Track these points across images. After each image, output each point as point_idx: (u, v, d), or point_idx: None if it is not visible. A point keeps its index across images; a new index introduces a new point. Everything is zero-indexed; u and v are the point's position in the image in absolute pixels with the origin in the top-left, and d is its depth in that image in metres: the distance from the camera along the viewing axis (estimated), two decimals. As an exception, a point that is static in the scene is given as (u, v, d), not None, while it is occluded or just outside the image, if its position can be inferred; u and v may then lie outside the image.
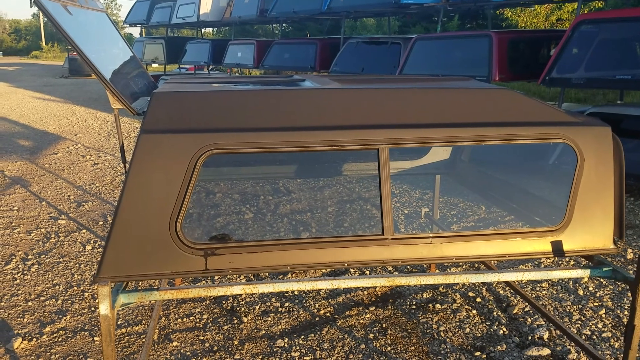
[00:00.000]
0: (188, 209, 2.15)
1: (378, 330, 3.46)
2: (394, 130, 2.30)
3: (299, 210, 5.88)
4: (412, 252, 2.27)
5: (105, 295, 1.94)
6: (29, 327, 3.50)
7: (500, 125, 2.36)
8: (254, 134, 2.21)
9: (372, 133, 2.28)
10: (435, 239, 2.29)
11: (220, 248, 2.17)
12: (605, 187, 2.34)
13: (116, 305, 2.03)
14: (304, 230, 5.25)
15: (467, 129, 2.33)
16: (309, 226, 5.39)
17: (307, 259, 2.22)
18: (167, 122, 2.21)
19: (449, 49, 8.35)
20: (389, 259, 2.26)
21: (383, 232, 2.26)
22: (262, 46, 12.76)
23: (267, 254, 2.20)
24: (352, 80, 2.85)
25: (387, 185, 2.26)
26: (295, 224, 5.43)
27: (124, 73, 2.94)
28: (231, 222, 5.44)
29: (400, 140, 2.29)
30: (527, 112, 2.44)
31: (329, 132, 2.25)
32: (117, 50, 3.07)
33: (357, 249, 2.25)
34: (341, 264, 2.24)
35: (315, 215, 5.75)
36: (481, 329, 3.49)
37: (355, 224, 5.43)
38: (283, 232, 5.20)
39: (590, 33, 6.51)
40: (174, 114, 2.24)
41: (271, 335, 3.40)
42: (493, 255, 2.33)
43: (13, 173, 7.69)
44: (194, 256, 2.14)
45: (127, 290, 2.12)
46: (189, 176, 2.15)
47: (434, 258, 2.29)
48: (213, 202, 6.06)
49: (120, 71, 2.89)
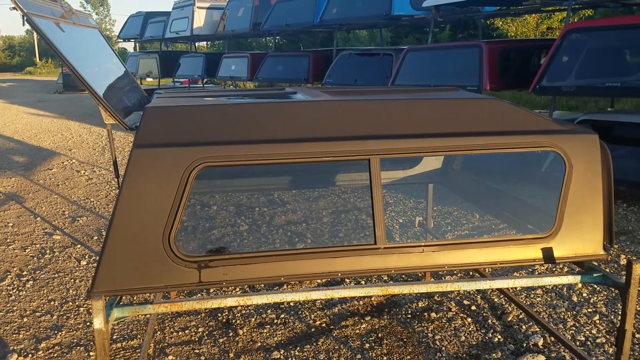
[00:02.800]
0: (181, 222, 2.16)
1: (374, 340, 3.47)
2: (384, 140, 2.33)
3: (292, 221, 5.85)
4: (405, 261, 2.29)
5: (99, 310, 1.95)
6: (25, 343, 3.49)
7: (488, 135, 2.40)
8: (246, 146, 2.24)
9: (363, 144, 2.31)
10: (427, 247, 2.31)
11: (214, 260, 2.19)
12: (594, 194, 2.37)
13: (110, 320, 2.04)
14: (298, 241, 5.23)
15: (456, 138, 2.36)
16: (303, 237, 5.36)
17: (300, 269, 2.24)
18: (159, 136, 2.23)
19: (440, 59, 8.43)
20: (382, 268, 2.28)
21: (375, 241, 2.28)
22: (255, 59, 12.84)
23: (261, 266, 2.21)
24: (342, 92, 2.88)
25: (379, 195, 2.28)
26: (289, 235, 5.39)
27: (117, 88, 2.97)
28: (225, 234, 5.42)
29: (390, 151, 2.32)
30: (515, 121, 2.47)
31: (321, 144, 2.28)
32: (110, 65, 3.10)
33: (351, 259, 2.27)
34: (335, 274, 2.25)
35: (309, 226, 5.71)
36: (476, 336, 3.50)
37: (348, 234, 5.43)
38: (277, 243, 5.17)
39: (580, 41, 6.59)
40: (166, 128, 2.26)
41: (267, 347, 3.41)
42: (485, 263, 2.35)
43: (7, 189, 7.68)
44: (187, 269, 2.16)
45: (121, 305, 2.13)
46: (182, 189, 2.17)
47: (426, 267, 2.31)
48: (207, 215, 6.04)
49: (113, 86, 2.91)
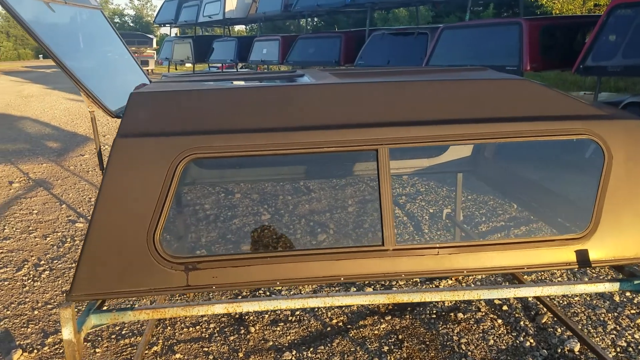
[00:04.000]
0: (168, 219, 1.97)
1: (393, 342, 3.23)
2: (394, 128, 2.07)
3: (290, 218, 5.40)
4: (417, 265, 2.04)
5: (68, 319, 1.78)
6: (32, 337, 3.40)
7: (515, 121, 2.10)
8: (239, 135, 2.01)
9: (370, 132, 2.06)
10: (443, 249, 2.05)
11: (203, 262, 1.98)
12: (637, 188, 2.05)
13: (85, 328, 1.87)
14: (296, 242, 4.83)
15: (478, 125, 2.08)
16: (302, 236, 4.96)
17: (298, 272, 2.01)
18: (145, 125, 2.03)
19: (477, 38, 7.99)
20: (390, 273, 2.03)
21: (383, 242, 2.03)
22: (287, 42, 12.58)
23: (254, 268, 2.00)
24: (352, 74, 2.62)
25: (388, 190, 2.03)
26: (286, 234, 5.00)
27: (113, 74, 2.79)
28: (216, 234, 4.96)
29: (401, 140, 2.06)
30: (546, 104, 2.17)
31: (323, 132, 2.04)
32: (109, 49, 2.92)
33: (354, 262, 2.03)
34: (336, 278, 2.02)
35: (308, 224, 5.25)
36: (506, 340, 3.22)
37: (353, 234, 4.96)
38: (273, 243, 4.75)
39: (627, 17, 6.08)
40: (152, 116, 2.06)
41: (278, 347, 3.21)
42: (510, 267, 2.07)
43: (38, 175, 7.72)
44: (174, 271, 1.96)
45: (99, 310, 1.95)
46: (168, 183, 1.96)
47: (441, 271, 2.05)
48: (196, 212, 5.56)
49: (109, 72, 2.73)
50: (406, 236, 4.74)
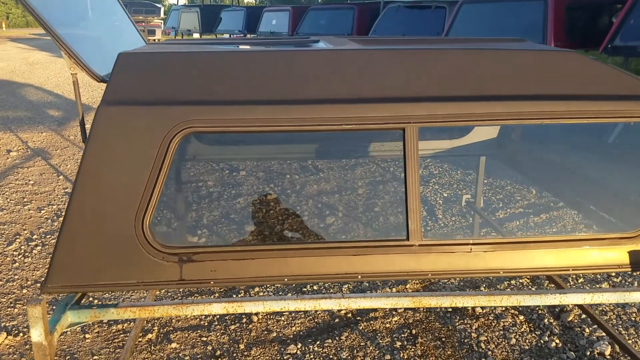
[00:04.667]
0: (159, 203, 1.69)
1: (406, 337, 2.97)
2: (425, 104, 1.77)
3: (300, 205, 4.80)
4: (446, 263, 1.76)
5: (38, 318, 1.51)
6: (19, 319, 3.17)
7: (565, 99, 1.80)
8: (245, 107, 1.73)
9: (396, 108, 1.76)
10: (476, 246, 1.77)
11: (200, 253, 1.71)
12: None
13: (59, 327, 1.61)
14: (307, 233, 4.27)
15: (520, 103, 1.78)
16: (313, 227, 4.39)
17: (309, 268, 1.74)
18: (134, 91, 1.75)
19: (499, 13, 7.59)
20: (415, 271, 1.76)
21: (408, 236, 1.75)
22: (297, 13, 12.16)
23: (260, 262, 1.73)
24: (375, 41, 2.31)
25: (415, 176, 1.74)
26: (296, 223, 4.36)
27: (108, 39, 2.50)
28: (215, 221, 4.25)
29: (433, 118, 1.76)
30: (600, 81, 1.86)
31: (341, 107, 1.75)
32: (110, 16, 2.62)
33: (374, 257, 1.75)
34: (353, 276, 1.75)
35: (321, 213, 4.62)
36: (530, 339, 2.96)
37: (373, 225, 4.38)
38: (279, 234, 4.10)
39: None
40: (144, 81, 1.77)
41: (283, 339, 2.97)
42: (552, 269, 1.79)
43: (37, 144, 7.46)
44: (165, 262, 1.70)
45: (77, 306, 1.69)
46: (160, 161, 1.69)
47: (474, 271, 1.78)
48: (192, 194, 4.91)
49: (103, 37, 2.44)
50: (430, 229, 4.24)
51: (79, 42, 1.95)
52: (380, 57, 1.85)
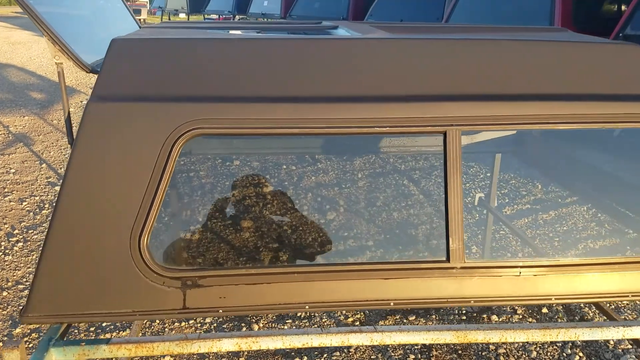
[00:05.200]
0: (160, 218, 1.43)
1: (420, 349, 2.76)
2: (469, 104, 1.52)
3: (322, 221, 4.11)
4: (491, 288, 1.53)
5: (14, 364, 1.26)
6: (-4, 326, 2.90)
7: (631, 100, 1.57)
8: (264, 105, 1.47)
9: (436, 108, 1.51)
10: (526, 269, 1.54)
11: (207, 277, 1.46)
12: None
13: (41, 369, 1.35)
14: (330, 253, 3.60)
15: (583, 104, 1.54)
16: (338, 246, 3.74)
17: (334, 294, 1.50)
18: (130, 85, 1.48)
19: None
20: (456, 297, 1.52)
21: (448, 257, 1.52)
22: (290, -5, 11.76)
23: (277, 286, 1.48)
24: (404, 29, 2.05)
25: (458, 187, 1.50)
26: (318, 241, 3.62)
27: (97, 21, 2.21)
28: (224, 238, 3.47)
29: (479, 120, 1.52)
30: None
31: (373, 106, 1.50)
32: None
33: (409, 282, 1.51)
34: (385, 303, 1.51)
35: (346, 229, 3.95)
36: (551, 353, 2.76)
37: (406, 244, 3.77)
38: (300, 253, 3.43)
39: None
40: (142, 73, 1.50)
41: (286, 351, 2.74)
42: (610, 295, 1.57)
43: (18, 129, 7.10)
44: (167, 288, 1.44)
45: (62, 341, 1.43)
46: (160, 169, 1.42)
47: (523, 297, 1.55)
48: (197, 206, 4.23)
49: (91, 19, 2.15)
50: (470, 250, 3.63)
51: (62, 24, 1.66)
52: (418, 49, 1.60)
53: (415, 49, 1.60)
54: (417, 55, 1.59)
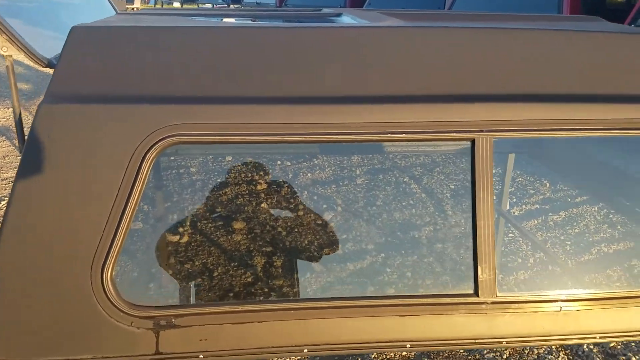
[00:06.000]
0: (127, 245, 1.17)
1: None
2: (503, 105, 1.27)
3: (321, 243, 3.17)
4: (527, 326, 1.28)
5: None
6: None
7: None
8: (255, 108, 1.21)
9: (463, 110, 1.26)
10: (568, 303, 1.29)
11: (185, 315, 1.21)
12: None
13: None
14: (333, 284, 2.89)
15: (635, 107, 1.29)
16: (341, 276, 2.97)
17: (338, 334, 1.25)
18: (93, 83, 1.22)
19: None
20: (486, 338, 1.28)
21: (477, 290, 1.27)
22: (286, -18, 11.43)
23: (269, 326, 1.23)
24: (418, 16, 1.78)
25: (489, 207, 1.25)
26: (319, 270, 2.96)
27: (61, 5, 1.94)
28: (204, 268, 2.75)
29: (514, 125, 1.26)
30: None
31: (385, 108, 1.24)
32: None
33: (429, 319, 1.26)
34: (400, 345, 1.26)
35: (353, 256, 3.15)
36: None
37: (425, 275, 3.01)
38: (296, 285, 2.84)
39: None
40: (107, 68, 1.24)
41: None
42: (666, 332, 1.33)
43: (2, 122, 6.81)
44: (136, 329, 1.19)
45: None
46: (129, 183, 1.16)
47: (564, 336, 1.31)
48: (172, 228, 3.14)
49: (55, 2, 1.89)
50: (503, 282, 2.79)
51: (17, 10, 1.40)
52: (440, 39, 1.34)
53: (437, 40, 1.34)
54: (439, 47, 1.33)
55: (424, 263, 3.16)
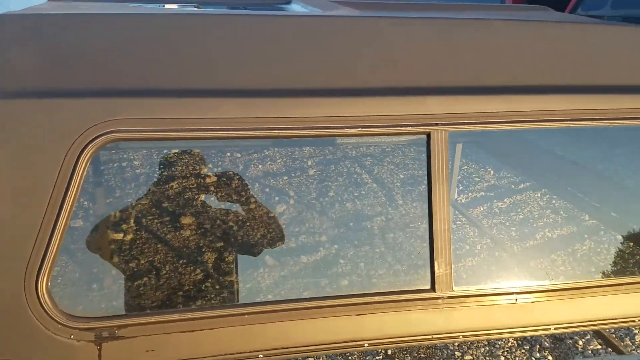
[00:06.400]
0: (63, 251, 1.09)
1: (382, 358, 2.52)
2: (456, 98, 1.25)
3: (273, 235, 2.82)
4: (483, 320, 1.28)
5: None
6: None
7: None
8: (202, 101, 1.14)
9: (416, 104, 1.23)
10: (522, 295, 1.29)
11: (129, 326, 1.13)
12: None
13: None
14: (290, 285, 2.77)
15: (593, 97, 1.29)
16: (296, 276, 2.84)
17: (295, 336, 1.21)
18: (22, 76, 1.11)
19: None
20: (443, 333, 1.26)
21: (434, 286, 1.25)
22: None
23: (220, 333, 1.17)
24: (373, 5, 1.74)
25: (444, 201, 1.23)
26: (273, 270, 2.83)
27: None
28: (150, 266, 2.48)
29: (470, 117, 1.24)
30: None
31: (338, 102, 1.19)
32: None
33: (388, 316, 1.24)
34: (358, 344, 1.23)
35: (310, 251, 3.06)
36: (519, 356, 2.59)
37: (383, 272, 2.88)
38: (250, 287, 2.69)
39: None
40: (38, 60, 1.13)
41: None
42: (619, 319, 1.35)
43: None
44: (75, 342, 1.11)
45: None
46: (63, 184, 1.07)
47: (519, 328, 1.31)
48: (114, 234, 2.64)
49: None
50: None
51: None
52: (395, 30, 1.30)
53: (393, 31, 1.30)
54: (394, 38, 1.29)
55: (378, 254, 3.08)
